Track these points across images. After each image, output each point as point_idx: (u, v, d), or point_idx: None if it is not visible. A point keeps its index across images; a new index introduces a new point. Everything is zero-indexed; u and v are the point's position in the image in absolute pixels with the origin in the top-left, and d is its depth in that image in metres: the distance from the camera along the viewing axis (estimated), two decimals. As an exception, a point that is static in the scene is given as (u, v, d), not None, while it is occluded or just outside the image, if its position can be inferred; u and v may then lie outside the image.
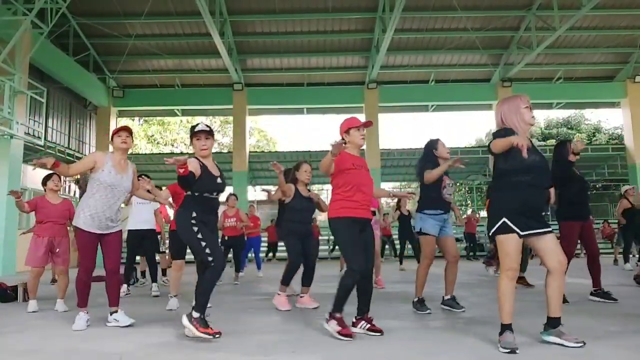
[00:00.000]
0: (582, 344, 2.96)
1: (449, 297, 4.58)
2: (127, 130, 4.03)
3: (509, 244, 3.01)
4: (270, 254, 15.45)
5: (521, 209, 3.01)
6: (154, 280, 6.32)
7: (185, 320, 3.37)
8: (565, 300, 4.63)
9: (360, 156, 3.74)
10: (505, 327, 3.00)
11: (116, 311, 3.96)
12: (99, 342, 3.42)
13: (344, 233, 3.54)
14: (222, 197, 4.30)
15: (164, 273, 8.10)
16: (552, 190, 4.98)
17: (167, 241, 6.49)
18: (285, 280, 4.98)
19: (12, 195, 4.82)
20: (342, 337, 3.32)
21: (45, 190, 5.22)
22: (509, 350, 2.87)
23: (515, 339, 2.95)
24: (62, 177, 5.29)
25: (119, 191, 3.98)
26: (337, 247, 16.78)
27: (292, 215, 5.12)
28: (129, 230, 6.31)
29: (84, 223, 3.87)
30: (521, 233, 3.00)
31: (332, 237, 16.91)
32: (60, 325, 4.11)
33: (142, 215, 6.43)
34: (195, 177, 3.49)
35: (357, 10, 14.22)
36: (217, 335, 3.30)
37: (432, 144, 4.64)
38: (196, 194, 3.60)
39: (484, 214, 23.93)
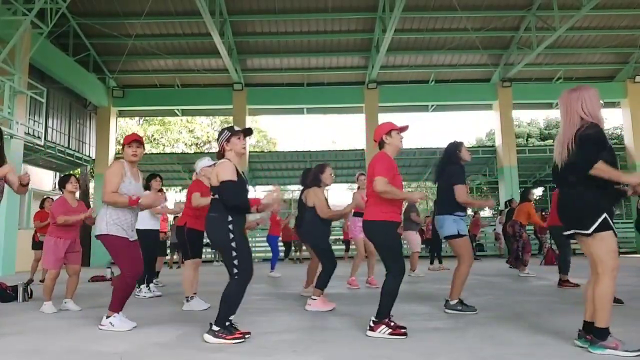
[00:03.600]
0: None
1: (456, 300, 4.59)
2: (137, 140, 4.04)
3: (614, 241, 2.88)
4: (282, 254, 15.43)
5: (611, 207, 2.92)
6: (144, 282, 6.02)
7: (210, 338, 3.31)
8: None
9: None
10: (608, 332, 2.81)
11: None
12: (99, 342, 3.42)
13: (395, 238, 3.63)
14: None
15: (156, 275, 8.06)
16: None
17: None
18: (325, 285, 4.94)
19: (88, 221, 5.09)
20: (400, 337, 3.36)
21: (62, 192, 5.22)
22: (638, 352, 2.73)
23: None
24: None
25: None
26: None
27: (323, 219, 5.16)
28: (141, 230, 5.72)
29: (117, 230, 3.87)
30: (616, 232, 2.91)
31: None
32: (61, 325, 4.11)
33: (152, 215, 6.28)
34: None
35: (357, 10, 14.21)
36: (247, 335, 3.35)
37: (458, 146, 4.74)
38: None
39: (484, 214, 23.98)
